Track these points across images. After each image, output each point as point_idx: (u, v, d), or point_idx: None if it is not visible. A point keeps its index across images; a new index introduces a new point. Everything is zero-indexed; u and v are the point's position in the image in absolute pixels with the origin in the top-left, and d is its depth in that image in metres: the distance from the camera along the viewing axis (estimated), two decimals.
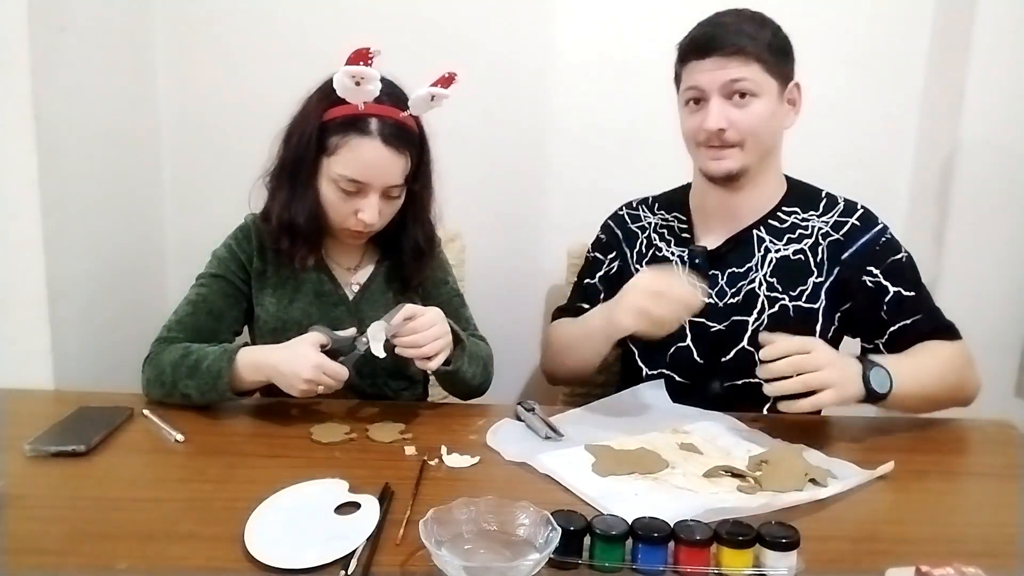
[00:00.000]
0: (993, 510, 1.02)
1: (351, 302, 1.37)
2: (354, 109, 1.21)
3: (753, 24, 1.25)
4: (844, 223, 1.32)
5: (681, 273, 1.25)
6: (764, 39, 1.24)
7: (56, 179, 1.40)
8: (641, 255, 1.42)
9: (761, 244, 1.33)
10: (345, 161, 1.22)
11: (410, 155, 1.25)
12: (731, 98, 1.25)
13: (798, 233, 1.33)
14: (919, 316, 1.28)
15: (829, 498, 0.98)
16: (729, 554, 0.82)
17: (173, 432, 1.14)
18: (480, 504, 0.87)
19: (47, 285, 1.39)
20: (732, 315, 1.31)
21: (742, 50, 1.22)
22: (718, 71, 1.24)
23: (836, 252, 1.31)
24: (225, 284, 1.34)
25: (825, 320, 1.31)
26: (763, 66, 1.24)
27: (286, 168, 1.29)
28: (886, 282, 1.29)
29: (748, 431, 1.19)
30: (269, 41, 1.81)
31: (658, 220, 1.44)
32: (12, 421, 1.19)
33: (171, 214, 1.89)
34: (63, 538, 0.88)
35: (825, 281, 1.31)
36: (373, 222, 1.25)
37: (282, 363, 1.16)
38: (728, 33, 1.24)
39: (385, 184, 1.24)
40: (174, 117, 1.84)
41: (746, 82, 1.23)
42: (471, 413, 1.25)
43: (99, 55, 1.58)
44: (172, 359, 1.23)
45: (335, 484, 0.99)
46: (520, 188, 1.88)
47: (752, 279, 1.32)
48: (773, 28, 1.27)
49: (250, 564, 0.83)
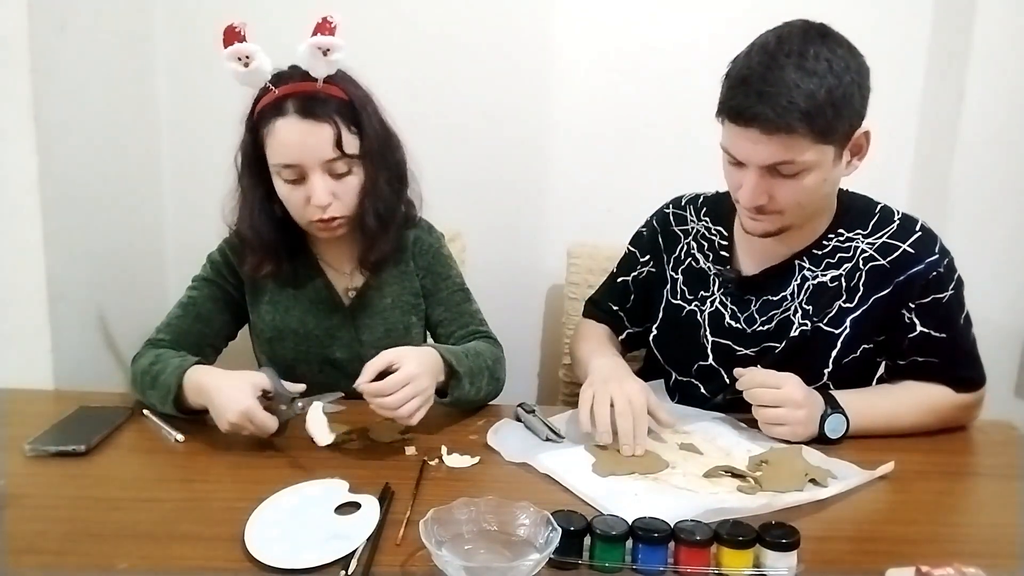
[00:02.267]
0: (993, 510, 1.02)
1: (347, 308, 1.34)
2: (269, 96, 1.20)
3: (806, 79, 1.04)
4: (894, 248, 1.19)
5: (668, 417, 1.15)
6: (817, 107, 1.04)
7: (56, 179, 1.40)
8: (679, 262, 1.35)
9: (800, 272, 1.23)
10: (274, 149, 1.20)
11: (336, 123, 1.19)
12: (775, 172, 1.10)
13: (838, 257, 1.22)
14: (935, 360, 1.21)
15: (829, 498, 0.98)
16: (729, 554, 0.82)
17: (173, 432, 1.14)
18: (480, 504, 0.87)
19: (47, 285, 1.39)
20: (762, 341, 1.25)
21: (787, 129, 1.05)
22: (760, 147, 1.08)
23: (876, 280, 1.20)
24: (216, 289, 1.33)
25: (846, 347, 1.21)
26: (815, 138, 1.06)
27: (237, 183, 1.29)
28: (917, 319, 1.20)
29: (748, 431, 1.18)
30: (269, 41, 1.81)
31: (702, 228, 1.34)
32: (12, 421, 1.19)
33: (171, 214, 1.89)
34: (63, 538, 0.88)
35: (855, 308, 1.21)
36: (324, 202, 1.19)
37: (217, 396, 1.10)
38: (771, 108, 1.04)
39: (318, 159, 1.18)
40: (174, 117, 1.84)
41: (793, 165, 1.08)
42: (471, 413, 1.25)
43: (99, 55, 1.57)
44: (143, 366, 1.22)
45: (335, 484, 0.99)
46: (520, 188, 1.88)
47: (786, 308, 1.23)
48: (830, 84, 1.04)
49: (250, 564, 0.83)
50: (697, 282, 1.32)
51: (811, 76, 1.05)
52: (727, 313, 1.28)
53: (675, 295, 1.34)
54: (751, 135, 1.07)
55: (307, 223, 1.25)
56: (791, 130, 1.05)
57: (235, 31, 1.15)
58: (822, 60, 1.06)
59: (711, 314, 1.29)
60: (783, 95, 1.04)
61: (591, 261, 1.71)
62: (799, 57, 1.05)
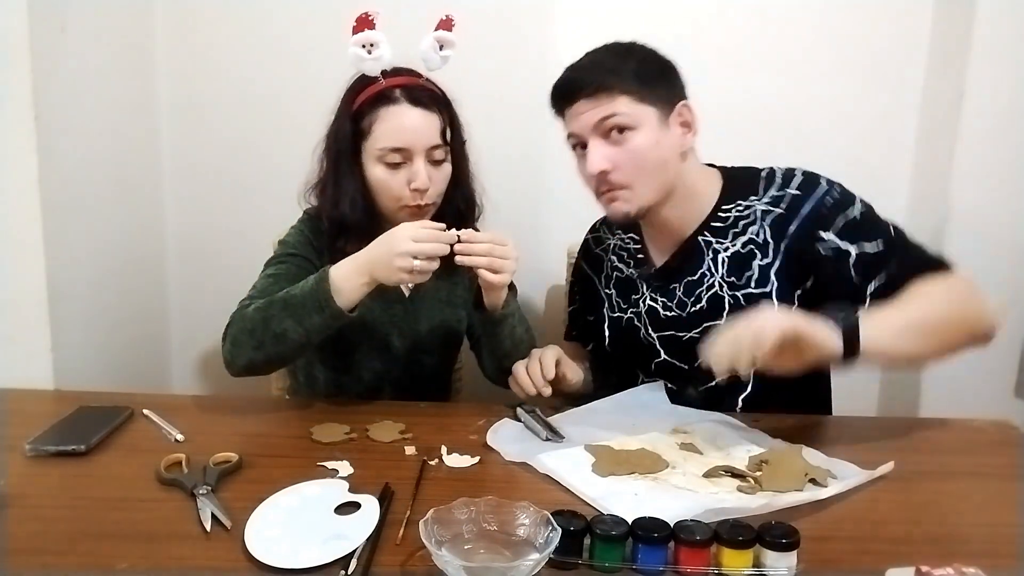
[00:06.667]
0: (993, 510, 1.01)
1: (407, 300, 1.40)
2: (378, 87, 1.27)
3: (614, 57, 1.22)
4: (783, 195, 1.26)
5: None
6: (628, 69, 1.20)
7: (56, 179, 1.40)
8: (608, 279, 1.43)
9: (708, 247, 1.28)
10: (382, 133, 1.26)
11: (441, 114, 1.29)
12: (609, 136, 1.20)
13: (741, 225, 1.27)
14: (893, 263, 1.19)
15: (829, 498, 0.98)
16: (729, 554, 0.82)
17: (173, 432, 1.14)
18: (480, 504, 0.87)
19: (47, 285, 1.39)
20: (704, 321, 1.27)
21: (604, 86, 1.19)
22: (587, 113, 1.21)
23: (780, 227, 1.24)
24: (303, 261, 1.33)
25: (781, 303, 1.23)
26: (632, 97, 1.19)
27: (330, 169, 1.32)
28: (843, 243, 1.20)
29: (748, 431, 1.18)
30: (269, 41, 1.81)
31: (617, 241, 1.43)
32: (12, 421, 1.19)
33: (171, 214, 1.89)
34: (63, 538, 0.88)
35: (773, 261, 1.24)
36: (425, 186, 1.27)
37: (376, 244, 1.17)
38: (587, 74, 1.21)
39: (425, 145, 1.27)
40: (174, 117, 1.84)
41: (617, 117, 1.19)
42: (471, 413, 1.25)
43: (99, 55, 1.58)
44: (257, 307, 1.21)
45: (335, 484, 0.99)
46: (520, 188, 1.88)
47: (710, 283, 1.28)
48: (640, 56, 1.23)
49: (250, 564, 0.83)
50: (627, 289, 1.38)
51: (618, 55, 1.23)
52: (659, 306, 1.33)
53: (613, 310, 1.40)
54: (579, 107, 1.21)
55: (398, 207, 1.30)
56: (608, 88, 1.19)
57: (368, 19, 1.24)
58: (629, 47, 1.24)
59: (647, 312, 1.34)
60: (594, 64, 1.22)
61: None
62: (610, 46, 1.24)
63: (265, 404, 1.28)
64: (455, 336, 1.47)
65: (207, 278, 1.90)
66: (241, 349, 1.21)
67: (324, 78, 1.29)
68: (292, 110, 1.76)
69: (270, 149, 1.83)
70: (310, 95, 1.33)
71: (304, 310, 1.17)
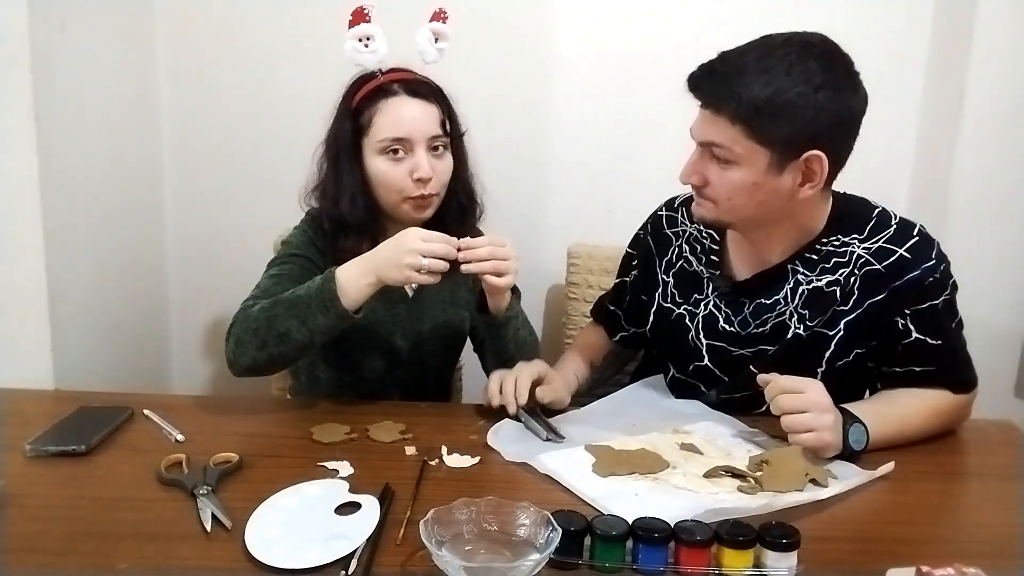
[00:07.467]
0: (993, 510, 1.02)
1: (411, 300, 1.40)
2: (376, 82, 1.28)
3: (758, 73, 1.06)
4: (890, 252, 1.17)
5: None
6: (753, 94, 1.06)
7: (56, 179, 1.40)
8: (670, 265, 1.35)
9: (794, 276, 1.22)
10: (382, 125, 1.27)
11: (440, 106, 1.29)
12: (711, 151, 1.13)
13: (833, 262, 1.20)
14: (933, 367, 1.19)
15: (829, 498, 0.98)
16: (729, 554, 0.82)
17: (173, 432, 1.14)
18: (480, 504, 0.87)
19: (47, 285, 1.39)
20: (758, 344, 1.24)
21: (723, 109, 1.08)
22: (700, 125, 1.13)
23: (873, 285, 1.17)
24: (307, 261, 1.32)
25: (839, 349, 1.20)
26: (747, 132, 1.08)
27: (330, 169, 1.31)
28: (912, 326, 1.17)
29: (748, 431, 1.18)
30: (270, 41, 1.81)
31: (694, 230, 1.34)
32: (12, 421, 1.19)
33: (171, 214, 1.89)
34: (63, 538, 0.88)
35: (850, 312, 1.18)
36: (428, 175, 1.26)
37: (386, 246, 1.17)
38: (713, 82, 1.09)
39: (426, 135, 1.27)
40: (174, 117, 1.84)
41: (720, 149, 1.11)
42: (471, 413, 1.25)
43: (99, 55, 1.57)
44: (262, 307, 1.20)
45: (335, 484, 0.99)
46: (520, 188, 1.88)
47: (781, 311, 1.22)
48: (779, 86, 1.05)
49: (250, 564, 0.83)
50: (690, 285, 1.32)
51: (764, 72, 1.06)
52: (721, 317, 1.27)
53: (666, 299, 1.34)
54: (701, 111, 1.13)
55: (401, 200, 1.29)
56: (719, 108, 1.09)
57: (363, 12, 1.26)
58: (785, 63, 1.06)
59: (705, 317, 1.29)
60: (729, 77, 1.08)
61: (591, 261, 1.71)
62: (767, 53, 1.08)
63: (265, 404, 1.28)
64: (458, 336, 1.47)
65: (207, 278, 1.90)
66: (244, 349, 1.20)
67: (324, 79, 1.30)
68: (292, 110, 1.76)
69: (270, 149, 1.83)
70: (310, 95, 1.33)
71: (309, 310, 1.17)
